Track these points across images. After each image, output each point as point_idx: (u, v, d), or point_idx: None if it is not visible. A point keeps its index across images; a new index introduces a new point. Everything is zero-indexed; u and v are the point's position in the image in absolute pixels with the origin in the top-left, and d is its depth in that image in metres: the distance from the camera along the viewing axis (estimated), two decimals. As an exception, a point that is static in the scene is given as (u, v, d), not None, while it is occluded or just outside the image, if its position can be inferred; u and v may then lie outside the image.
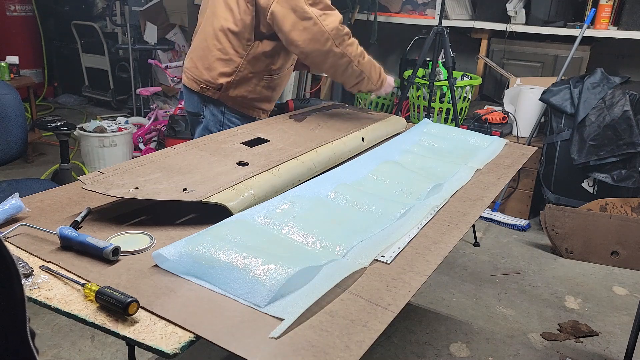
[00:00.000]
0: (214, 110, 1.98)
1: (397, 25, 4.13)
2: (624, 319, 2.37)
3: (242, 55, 1.87)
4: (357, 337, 0.85)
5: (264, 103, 2.02)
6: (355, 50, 1.81)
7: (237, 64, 1.88)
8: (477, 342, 2.18)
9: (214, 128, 2.00)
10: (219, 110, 1.98)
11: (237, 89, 1.92)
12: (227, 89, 1.91)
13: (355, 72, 1.84)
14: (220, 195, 1.22)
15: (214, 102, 1.97)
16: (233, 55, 1.88)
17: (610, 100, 2.87)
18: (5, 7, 5.12)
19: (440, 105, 3.52)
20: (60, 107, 5.45)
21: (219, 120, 1.99)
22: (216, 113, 1.98)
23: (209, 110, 2.00)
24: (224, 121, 1.99)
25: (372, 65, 1.89)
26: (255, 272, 0.94)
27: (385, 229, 1.20)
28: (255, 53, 1.87)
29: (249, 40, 1.85)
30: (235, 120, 1.99)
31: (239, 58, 1.88)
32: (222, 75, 1.90)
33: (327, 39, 1.74)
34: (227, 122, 1.99)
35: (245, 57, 1.87)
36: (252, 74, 1.90)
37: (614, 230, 2.77)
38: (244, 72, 1.89)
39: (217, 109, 1.98)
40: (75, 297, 0.93)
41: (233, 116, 1.98)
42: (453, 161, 1.69)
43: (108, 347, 2.03)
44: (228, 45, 1.87)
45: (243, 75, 1.90)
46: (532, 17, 3.58)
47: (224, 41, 1.87)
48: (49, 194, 1.31)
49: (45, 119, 2.35)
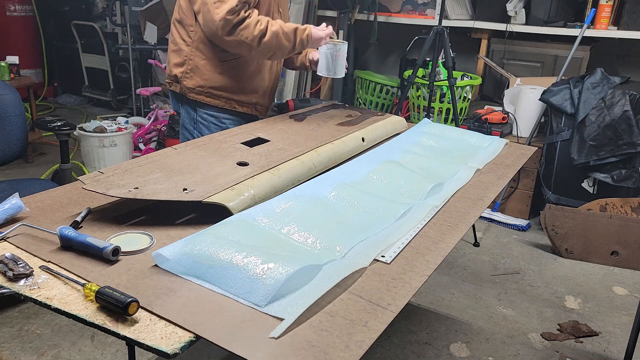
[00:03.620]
0: (187, 107, 1.99)
1: (397, 25, 4.13)
2: (624, 319, 2.37)
3: (188, 42, 1.88)
4: (357, 337, 0.85)
5: (236, 94, 1.94)
6: (252, 34, 1.72)
7: (185, 52, 1.89)
8: (477, 342, 2.18)
9: (188, 125, 2.00)
10: (191, 107, 1.98)
11: (192, 79, 1.90)
12: (182, 80, 1.91)
13: (262, 50, 1.78)
14: (220, 195, 1.22)
15: (185, 99, 1.97)
16: (181, 44, 1.89)
17: (610, 100, 2.87)
18: (5, 7, 5.12)
19: (440, 105, 3.52)
20: (60, 107, 5.45)
21: (192, 117, 1.98)
22: (189, 110, 1.99)
23: (184, 108, 2.01)
24: (197, 118, 1.97)
25: (282, 36, 1.77)
26: (255, 271, 0.94)
27: (385, 229, 1.20)
28: (200, 37, 1.85)
29: (191, 25, 1.85)
30: (209, 117, 1.96)
31: (187, 46, 1.88)
32: (175, 66, 1.92)
33: (217, 28, 1.71)
34: (199, 119, 1.97)
35: (191, 44, 1.87)
36: (204, 61, 1.88)
37: (614, 230, 2.77)
38: (195, 60, 1.88)
39: (189, 106, 1.98)
40: (75, 297, 0.93)
41: (205, 112, 1.96)
42: (453, 161, 1.69)
43: (108, 347, 2.03)
44: (177, 35, 1.90)
45: (194, 64, 1.88)
46: (532, 17, 3.58)
47: (174, 32, 1.91)
48: (49, 194, 1.31)
49: (45, 119, 2.35)
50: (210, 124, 1.97)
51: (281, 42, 1.78)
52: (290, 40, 1.80)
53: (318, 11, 4.26)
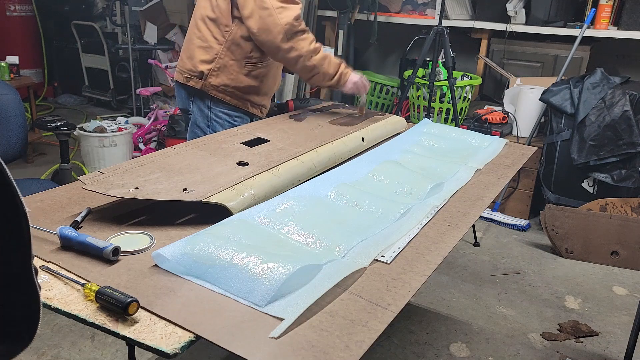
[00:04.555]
0: (200, 104, 1.99)
1: (397, 25, 4.13)
2: (624, 319, 2.37)
3: (220, 42, 1.89)
4: (357, 337, 0.85)
5: (252, 95, 1.99)
6: (307, 46, 1.83)
7: (216, 50, 1.90)
8: (477, 342, 2.18)
9: (201, 123, 2.00)
10: (205, 104, 1.98)
11: (218, 77, 1.92)
12: (208, 77, 1.92)
13: (307, 67, 1.86)
14: (220, 195, 1.22)
15: (200, 96, 1.97)
16: (212, 42, 1.90)
17: (610, 100, 2.87)
18: (5, 7, 5.12)
19: (440, 105, 3.52)
20: (60, 107, 5.45)
21: (205, 115, 1.99)
22: (202, 108, 1.99)
23: (196, 105, 2.00)
24: (211, 116, 1.98)
25: (329, 62, 1.89)
26: (255, 271, 0.94)
27: (385, 229, 1.20)
28: (234, 38, 1.88)
29: (227, 26, 1.87)
30: (223, 115, 1.98)
31: (218, 45, 1.89)
32: (202, 62, 1.92)
33: (279, 32, 1.77)
34: (213, 117, 1.98)
35: (224, 43, 1.89)
36: (232, 61, 1.91)
37: (614, 230, 2.77)
38: (224, 59, 1.90)
39: (203, 103, 1.98)
40: (75, 297, 0.93)
41: (220, 110, 1.97)
42: (453, 161, 1.69)
43: (108, 347, 2.03)
44: (207, 32, 1.91)
45: (223, 63, 1.90)
46: (532, 17, 3.58)
47: (204, 29, 1.91)
48: (49, 194, 1.31)
49: (45, 119, 2.35)
50: (225, 122, 1.99)
51: (328, 67, 1.89)
52: (335, 69, 1.91)
53: (318, 11, 4.26)
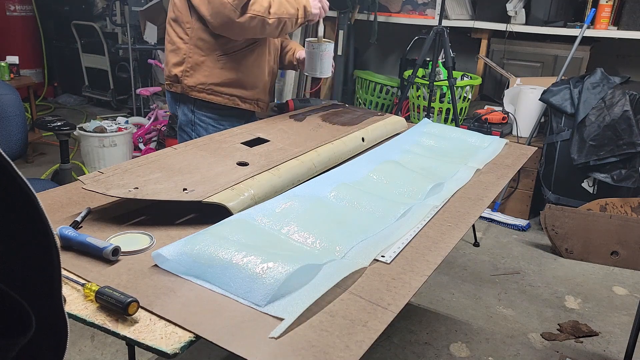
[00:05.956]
0: (185, 109, 1.99)
1: (397, 25, 4.13)
2: (624, 319, 2.37)
3: (186, 40, 1.88)
4: (357, 337, 0.85)
5: (238, 89, 1.94)
6: (262, 5, 1.75)
7: (184, 50, 1.89)
8: (477, 342, 2.18)
9: (186, 128, 2.00)
10: (189, 108, 1.97)
11: (193, 77, 1.90)
12: (182, 79, 1.91)
13: (274, 22, 1.79)
14: (220, 195, 1.22)
15: (183, 100, 1.97)
16: (179, 43, 1.89)
17: (610, 100, 2.87)
18: (5, 7, 5.12)
19: (440, 105, 3.52)
20: (60, 107, 5.45)
21: (189, 119, 1.98)
22: (186, 112, 1.98)
23: (181, 110, 2.00)
24: (195, 120, 1.97)
25: (284, 5, 1.80)
26: (255, 271, 0.94)
27: (385, 229, 1.20)
28: (197, 34, 1.86)
29: (188, 22, 1.86)
30: (206, 119, 1.96)
31: (184, 44, 1.88)
32: (174, 65, 1.92)
33: (230, 9, 1.72)
34: (197, 122, 1.97)
35: (189, 41, 1.87)
36: (203, 57, 1.88)
37: (614, 230, 2.77)
38: (194, 57, 1.88)
39: (187, 107, 1.97)
40: (75, 297, 0.93)
41: (203, 114, 1.96)
42: (453, 161, 1.69)
43: (108, 347, 2.03)
44: (173, 34, 1.90)
45: (194, 61, 1.89)
46: (532, 17, 3.58)
47: (170, 32, 1.91)
48: (49, 194, 1.31)
49: (45, 119, 2.35)
50: (209, 126, 1.97)
51: (287, 8, 1.80)
52: (294, 6, 1.82)
53: (318, 11, 4.25)
